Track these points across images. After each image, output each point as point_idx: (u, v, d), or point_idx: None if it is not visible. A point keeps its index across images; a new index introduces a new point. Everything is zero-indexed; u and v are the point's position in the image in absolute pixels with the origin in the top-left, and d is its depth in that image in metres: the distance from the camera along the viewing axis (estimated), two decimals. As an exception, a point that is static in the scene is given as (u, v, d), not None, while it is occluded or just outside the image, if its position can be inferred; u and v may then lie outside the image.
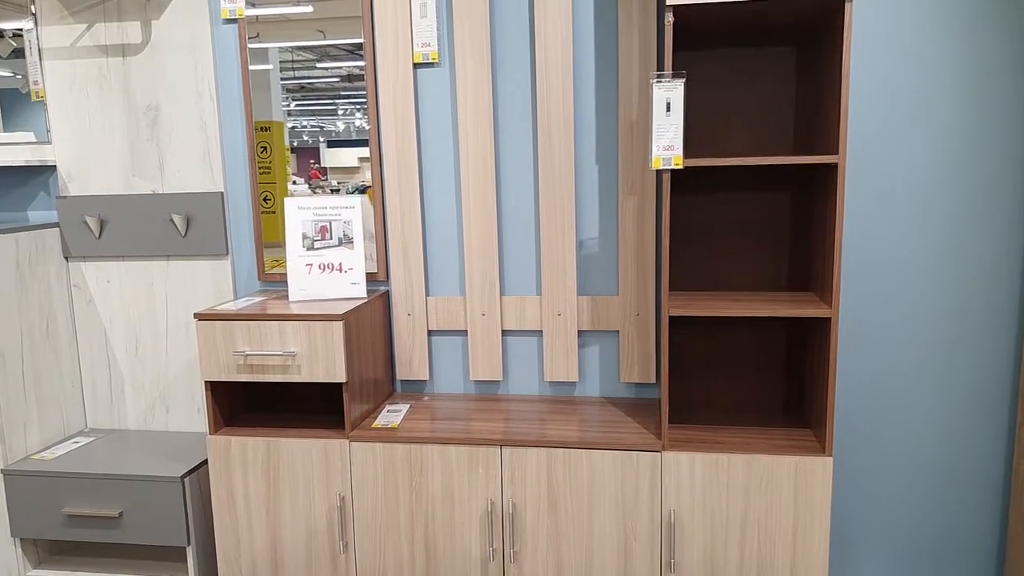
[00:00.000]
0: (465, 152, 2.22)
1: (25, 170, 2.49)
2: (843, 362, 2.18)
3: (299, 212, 2.18)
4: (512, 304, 2.28)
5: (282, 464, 2.07)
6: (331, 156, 2.33)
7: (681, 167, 1.79)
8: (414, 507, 2.02)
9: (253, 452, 2.08)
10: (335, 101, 2.29)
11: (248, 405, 2.31)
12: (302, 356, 2.01)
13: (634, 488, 1.92)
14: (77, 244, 2.46)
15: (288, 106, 2.32)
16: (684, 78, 1.75)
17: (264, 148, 2.33)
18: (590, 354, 2.29)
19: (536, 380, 2.33)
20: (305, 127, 2.32)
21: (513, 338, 2.32)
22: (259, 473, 2.08)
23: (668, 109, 1.76)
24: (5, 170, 2.50)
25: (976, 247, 2.08)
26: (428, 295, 2.33)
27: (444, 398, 2.32)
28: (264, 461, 2.07)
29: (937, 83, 2.03)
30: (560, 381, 2.30)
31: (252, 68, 2.29)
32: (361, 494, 2.04)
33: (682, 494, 1.90)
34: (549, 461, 1.95)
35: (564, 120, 2.16)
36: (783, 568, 1.89)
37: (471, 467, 1.98)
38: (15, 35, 2.39)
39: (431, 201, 2.30)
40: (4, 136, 2.45)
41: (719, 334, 2.18)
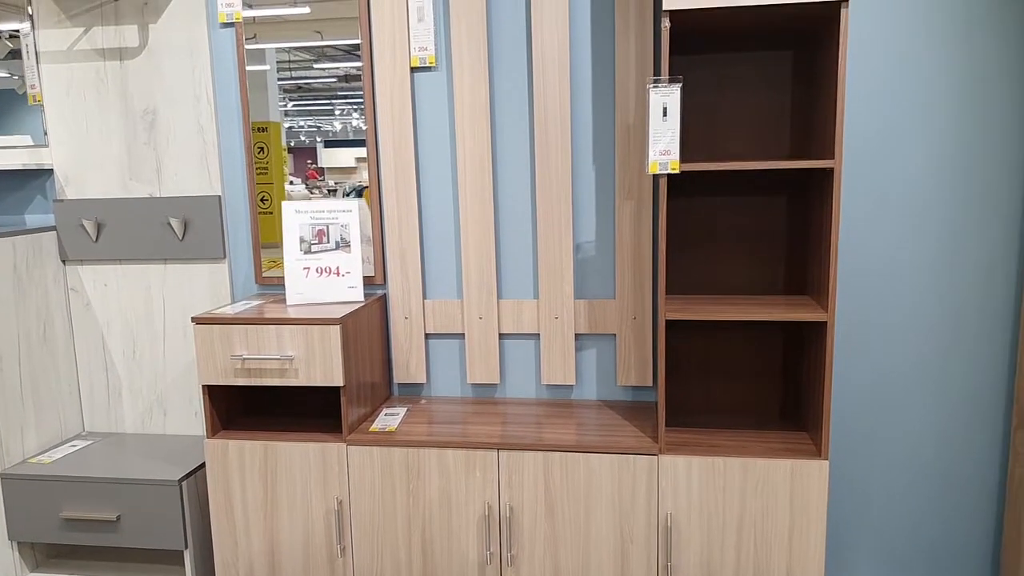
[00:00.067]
0: (462, 156, 2.23)
1: (22, 173, 2.49)
2: (840, 366, 2.19)
3: (296, 216, 2.18)
4: (509, 307, 2.28)
5: (280, 468, 2.07)
6: (328, 156, 2.33)
7: (678, 172, 1.79)
8: (411, 511, 2.03)
9: (251, 456, 2.08)
10: (332, 101, 2.29)
11: (245, 409, 2.31)
12: (299, 360, 2.01)
13: (631, 492, 1.92)
14: (74, 248, 2.46)
15: (285, 106, 2.32)
16: (680, 83, 1.76)
17: (261, 148, 2.34)
18: (587, 357, 2.29)
19: (533, 383, 2.33)
20: (302, 127, 2.32)
21: (510, 341, 2.32)
22: (256, 477, 2.08)
23: (665, 114, 1.76)
24: (2, 173, 2.50)
25: (971, 252, 2.09)
26: (425, 298, 2.33)
27: (441, 401, 2.33)
28: (261, 465, 2.08)
29: (933, 88, 2.04)
30: (557, 384, 2.31)
31: (249, 69, 2.29)
32: (358, 498, 2.04)
33: (679, 497, 1.91)
34: (546, 465, 1.95)
35: (561, 124, 2.16)
36: (779, 571, 1.89)
37: (468, 471, 1.98)
38: (11, 36, 2.39)
39: (428, 205, 2.30)
40: (1, 139, 2.45)
41: (716, 337, 2.19)
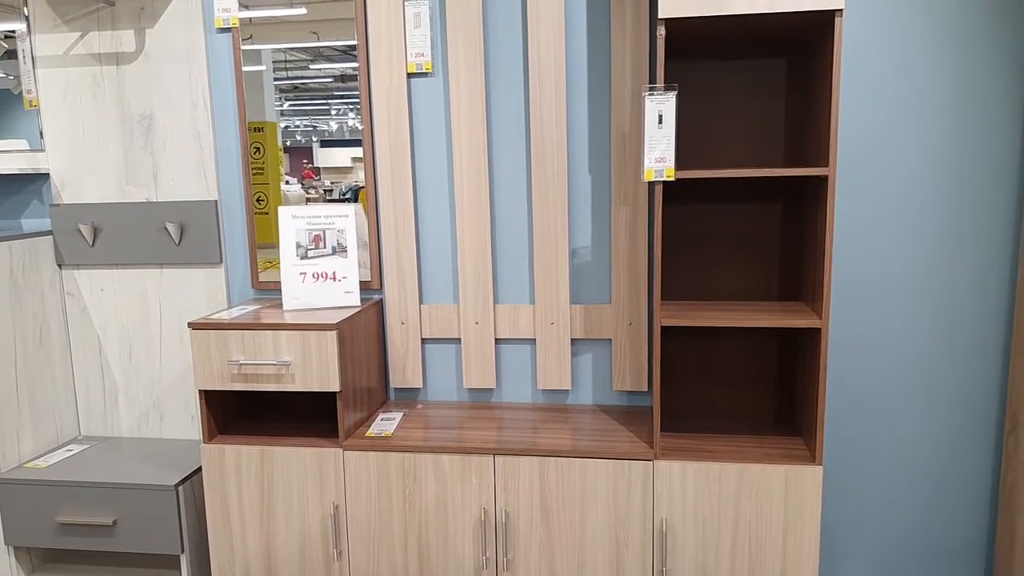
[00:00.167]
0: (459, 161, 2.23)
1: (18, 178, 2.49)
2: (834, 371, 2.20)
3: (293, 221, 2.18)
4: (505, 312, 2.29)
5: (276, 472, 2.07)
6: (324, 156, 2.34)
7: (673, 179, 1.80)
8: (407, 515, 2.03)
9: (247, 461, 2.08)
10: (328, 101, 2.29)
11: (242, 413, 2.31)
12: (296, 365, 2.02)
13: (626, 497, 1.93)
14: (71, 252, 2.46)
15: (281, 106, 2.32)
16: (676, 91, 1.76)
17: (257, 149, 2.34)
18: (583, 362, 2.30)
19: (529, 388, 2.34)
20: (298, 127, 2.33)
21: (506, 346, 2.33)
22: (253, 481, 2.09)
23: (660, 122, 1.77)
24: (-2, 178, 2.51)
25: (965, 258, 2.10)
26: (422, 303, 2.34)
27: (437, 406, 2.33)
28: (258, 470, 2.08)
29: (927, 96, 2.05)
30: (553, 389, 2.31)
31: (245, 69, 2.29)
32: (355, 502, 2.05)
33: (674, 503, 1.91)
34: (542, 470, 1.96)
35: (557, 130, 2.17)
36: (774, 576, 1.90)
37: (464, 476, 1.99)
38: (6, 37, 2.39)
39: (425, 210, 2.31)
40: (-3, 144, 2.45)
41: (711, 343, 2.20)
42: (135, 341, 2.49)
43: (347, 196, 2.35)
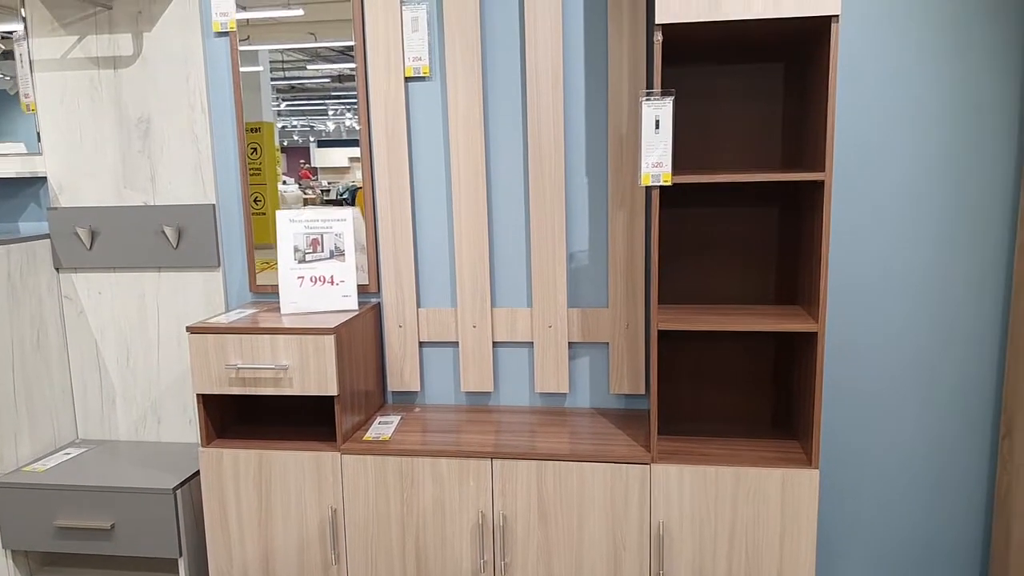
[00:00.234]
0: (456, 165, 2.24)
1: (16, 181, 2.49)
2: (831, 375, 2.20)
3: (291, 225, 2.19)
4: (503, 316, 2.29)
5: (274, 476, 2.08)
6: (321, 156, 2.34)
7: (670, 184, 1.81)
8: (405, 519, 2.04)
9: (245, 464, 2.08)
10: (325, 101, 2.29)
11: (240, 417, 2.31)
12: (294, 369, 2.02)
13: (623, 500, 1.94)
14: (68, 255, 2.46)
15: (278, 106, 2.32)
16: (673, 96, 1.77)
17: (254, 149, 2.34)
18: (580, 365, 2.30)
19: (527, 391, 2.34)
20: (295, 127, 2.33)
21: (504, 349, 2.33)
22: (251, 485, 2.09)
23: (657, 127, 1.78)
24: (-4, 181, 2.51)
25: (962, 263, 2.11)
26: (419, 307, 2.34)
27: (435, 409, 2.34)
28: (256, 473, 2.08)
29: (923, 102, 2.06)
30: (551, 392, 2.32)
31: (242, 70, 2.29)
32: (353, 506, 2.05)
33: (671, 506, 1.92)
34: (539, 473, 1.97)
35: (554, 134, 2.17)
36: (770, 579, 1.91)
37: (462, 479, 2.00)
38: (3, 37, 2.39)
39: (423, 213, 2.31)
40: (-5, 147, 2.45)
41: (708, 345, 2.20)
42: (133, 344, 2.49)
43: (344, 196, 2.35)
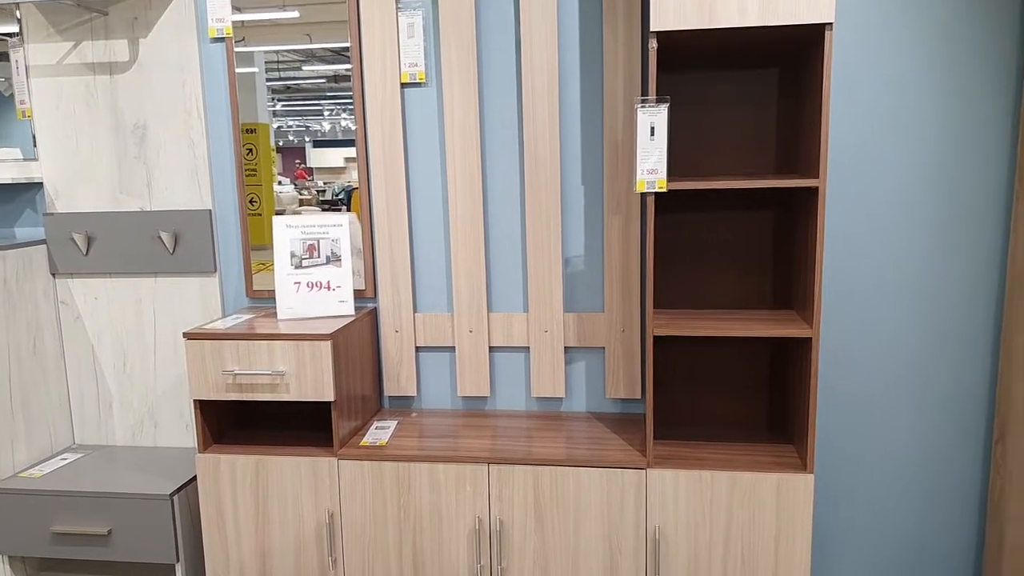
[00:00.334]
0: (452, 171, 2.24)
1: (12, 187, 2.49)
2: (826, 380, 2.22)
3: (287, 230, 2.19)
4: (499, 321, 2.30)
5: (271, 482, 2.08)
6: (317, 156, 2.34)
7: (665, 190, 1.82)
8: (402, 524, 2.04)
9: (242, 470, 2.09)
10: (321, 102, 2.29)
11: (237, 422, 2.32)
12: (291, 375, 2.02)
13: (619, 505, 1.95)
14: (64, 261, 2.46)
15: (274, 106, 2.32)
16: (668, 103, 1.78)
17: (250, 150, 2.34)
18: (576, 370, 2.31)
19: (523, 396, 2.35)
20: (291, 127, 2.33)
21: (500, 354, 2.34)
22: (248, 491, 2.09)
23: (652, 133, 1.78)
24: (-9, 186, 2.51)
25: (955, 269, 2.12)
26: (416, 312, 2.35)
27: (432, 414, 2.34)
28: (253, 479, 2.09)
29: (917, 110, 2.07)
30: (547, 397, 2.33)
31: (238, 71, 2.29)
32: (350, 511, 2.06)
33: (667, 510, 1.93)
34: (536, 478, 1.97)
35: (550, 140, 2.18)
36: (766, 583, 1.92)
37: (459, 485, 2.00)
38: (-1, 40, 2.39)
39: (419, 218, 2.31)
40: (-10, 153, 2.45)
41: (703, 350, 2.21)
42: (129, 350, 2.49)
43: (340, 196, 2.35)
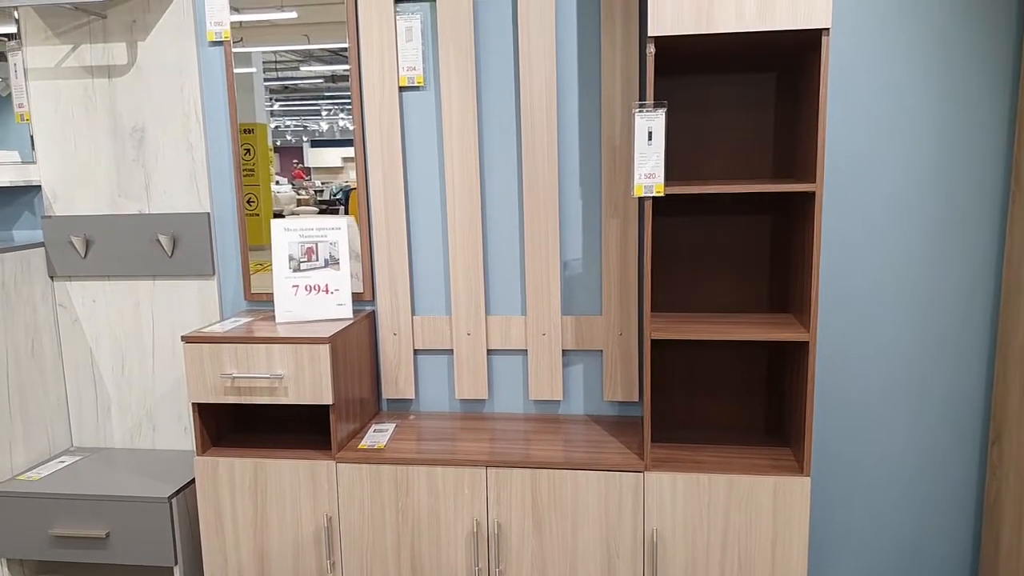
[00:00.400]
0: (450, 174, 2.25)
1: (10, 190, 2.49)
2: (823, 383, 2.22)
3: (286, 234, 2.19)
4: (497, 324, 2.30)
5: (269, 485, 2.08)
6: (315, 156, 2.35)
7: (663, 195, 1.82)
8: (400, 527, 2.05)
9: (240, 473, 2.09)
10: (318, 101, 2.30)
11: (235, 425, 2.32)
12: (289, 379, 2.03)
13: (617, 508, 1.95)
14: (63, 264, 2.46)
15: (271, 106, 2.32)
16: (665, 108, 1.78)
17: (247, 150, 2.35)
18: (574, 373, 2.32)
19: (521, 398, 2.36)
20: (288, 127, 2.33)
21: (498, 357, 2.34)
22: (246, 494, 2.10)
23: (650, 138, 1.79)
24: (-10, 189, 2.51)
25: (952, 274, 2.13)
26: (414, 315, 2.35)
27: (430, 417, 2.35)
28: (251, 482, 2.09)
29: (914, 115, 2.07)
30: (545, 400, 2.33)
31: (236, 71, 2.30)
32: (348, 514, 2.06)
33: (664, 513, 1.94)
34: (534, 481, 1.98)
35: (548, 143, 2.19)
36: (763, 586, 1.93)
37: (457, 488, 2.01)
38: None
39: (417, 221, 2.32)
40: (-11, 156, 2.45)
41: (701, 354, 2.22)
42: (127, 352, 2.49)
43: (338, 196, 2.36)
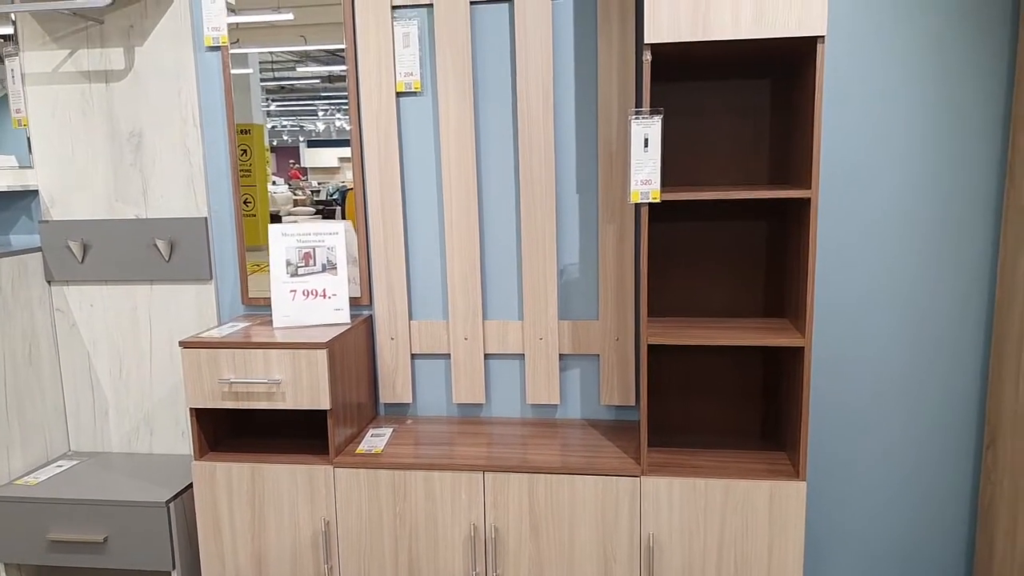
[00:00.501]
0: (448, 179, 2.26)
1: (7, 195, 2.49)
2: (818, 388, 2.23)
3: (283, 239, 2.20)
4: (494, 328, 2.31)
5: (267, 490, 2.09)
6: (311, 156, 2.35)
7: (659, 201, 1.83)
8: (398, 531, 2.05)
9: (238, 478, 2.09)
10: (315, 102, 2.30)
11: (233, 430, 2.32)
12: (286, 384, 2.03)
13: (614, 512, 1.96)
14: (60, 268, 2.46)
15: (268, 106, 2.33)
16: (661, 115, 1.79)
17: (244, 151, 2.35)
18: (571, 377, 2.32)
19: (518, 403, 2.36)
20: (285, 127, 2.33)
21: (495, 361, 2.35)
22: (244, 498, 2.10)
23: (646, 145, 1.80)
24: (-13, 194, 2.51)
25: (946, 279, 2.14)
26: (411, 319, 2.36)
27: (427, 421, 2.35)
28: (249, 487, 2.09)
29: (908, 121, 2.08)
30: (542, 404, 2.34)
31: (232, 72, 2.30)
32: (345, 519, 2.07)
33: (661, 518, 1.94)
34: (531, 486, 1.98)
35: (545, 149, 2.19)
36: (759, 590, 1.94)
37: (454, 492, 2.01)
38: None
39: (414, 226, 2.32)
40: (-14, 160, 2.45)
41: (697, 358, 2.23)
42: (125, 357, 2.49)
43: (334, 197, 2.36)
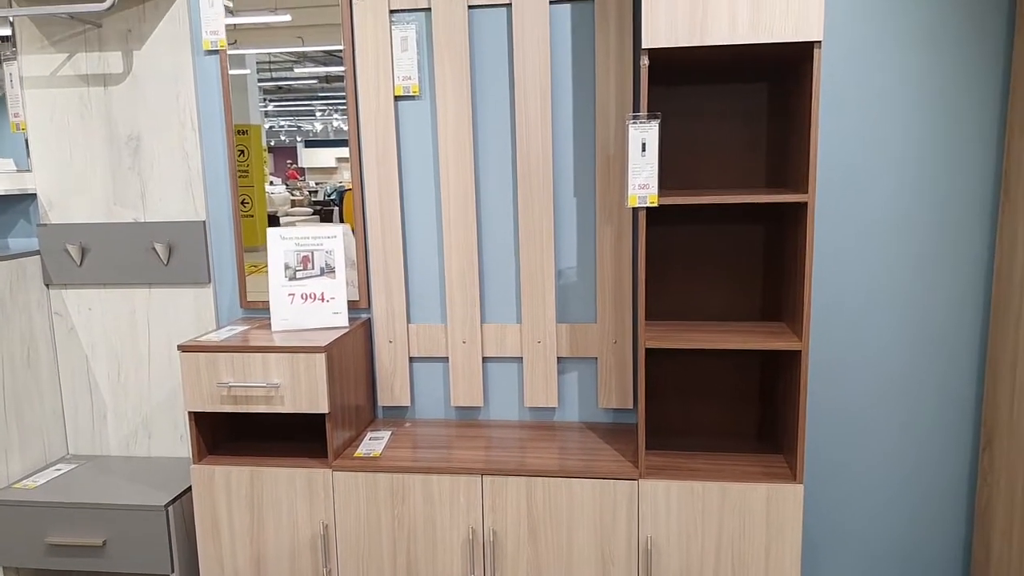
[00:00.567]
0: (446, 183, 2.26)
1: (5, 198, 2.50)
2: (815, 391, 2.24)
3: (281, 242, 2.20)
4: (492, 331, 2.32)
5: (266, 493, 2.09)
6: (309, 156, 2.35)
7: (656, 205, 1.84)
8: (396, 534, 2.06)
9: (237, 481, 2.10)
10: (312, 102, 2.30)
11: (231, 433, 2.33)
12: (285, 387, 2.04)
13: (612, 515, 1.97)
14: (58, 272, 2.46)
15: (265, 107, 2.33)
16: (659, 119, 1.80)
17: (242, 151, 2.35)
18: (569, 380, 2.33)
19: (516, 405, 2.37)
20: (282, 127, 2.34)
21: (493, 365, 2.36)
22: (243, 502, 2.10)
23: (643, 149, 1.80)
24: (-15, 197, 2.51)
25: (943, 283, 2.15)
26: (409, 322, 2.36)
27: (425, 424, 2.36)
28: (248, 490, 2.10)
29: (905, 125, 2.09)
30: (540, 407, 2.34)
31: (230, 73, 2.30)
32: (344, 522, 2.07)
33: (658, 521, 1.95)
34: (529, 489, 1.99)
35: (543, 152, 2.20)
36: (756, 592, 1.94)
37: (452, 496, 2.02)
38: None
39: (412, 230, 2.33)
40: (-16, 164, 2.45)
41: (695, 361, 2.23)
42: (123, 360, 2.50)
43: (332, 197, 2.36)
